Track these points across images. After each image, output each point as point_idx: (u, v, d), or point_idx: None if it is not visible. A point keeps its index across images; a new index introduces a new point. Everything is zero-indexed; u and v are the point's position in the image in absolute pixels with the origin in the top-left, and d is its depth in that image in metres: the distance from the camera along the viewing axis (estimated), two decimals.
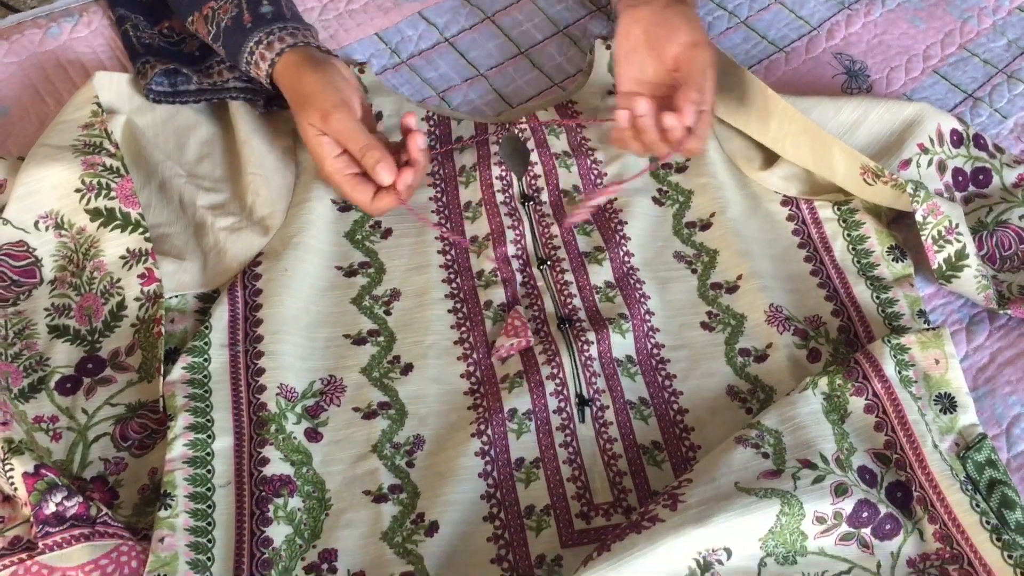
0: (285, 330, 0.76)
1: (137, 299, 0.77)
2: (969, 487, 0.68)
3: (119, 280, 0.77)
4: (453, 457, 0.71)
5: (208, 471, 0.69)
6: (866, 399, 0.72)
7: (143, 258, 0.77)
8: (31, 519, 0.63)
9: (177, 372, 0.73)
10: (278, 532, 0.66)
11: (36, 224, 0.79)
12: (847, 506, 0.65)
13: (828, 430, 0.70)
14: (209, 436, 0.70)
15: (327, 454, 0.71)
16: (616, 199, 0.86)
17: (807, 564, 0.65)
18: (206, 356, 0.74)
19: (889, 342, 0.73)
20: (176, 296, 0.79)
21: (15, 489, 0.65)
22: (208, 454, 0.69)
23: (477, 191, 0.87)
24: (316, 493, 0.69)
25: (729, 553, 0.64)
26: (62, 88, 0.92)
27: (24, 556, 0.63)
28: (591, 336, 0.77)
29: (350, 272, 0.81)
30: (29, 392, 0.73)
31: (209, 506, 0.67)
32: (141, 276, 0.77)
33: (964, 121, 0.89)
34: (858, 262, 0.83)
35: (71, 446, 0.71)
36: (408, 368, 0.76)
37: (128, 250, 0.78)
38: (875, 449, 0.70)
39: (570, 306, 0.80)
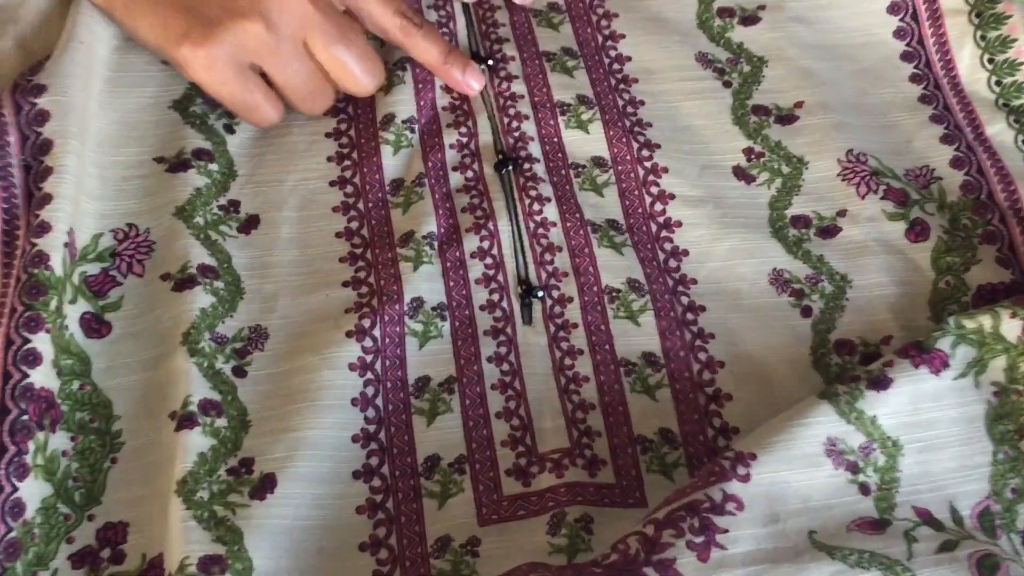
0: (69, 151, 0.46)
1: None
2: None
3: None
4: (313, 367, 0.43)
5: None
6: None
7: None
8: None
9: None
10: (33, 492, 0.39)
11: None
12: None
13: (986, 451, 0.40)
14: None
15: (112, 355, 0.43)
16: None
17: None
18: None
19: None
20: None
21: None
22: None
23: None
24: (96, 423, 0.42)
25: None
26: None
27: None
28: (546, 189, 0.48)
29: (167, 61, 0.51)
30: None
31: None
32: None
33: None
34: (997, 83, 0.52)
35: None
36: (253, 221, 0.48)
37: None
38: None
39: (517, 132, 0.50)
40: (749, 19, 0.54)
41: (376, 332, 0.44)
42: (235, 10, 0.45)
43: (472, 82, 0.51)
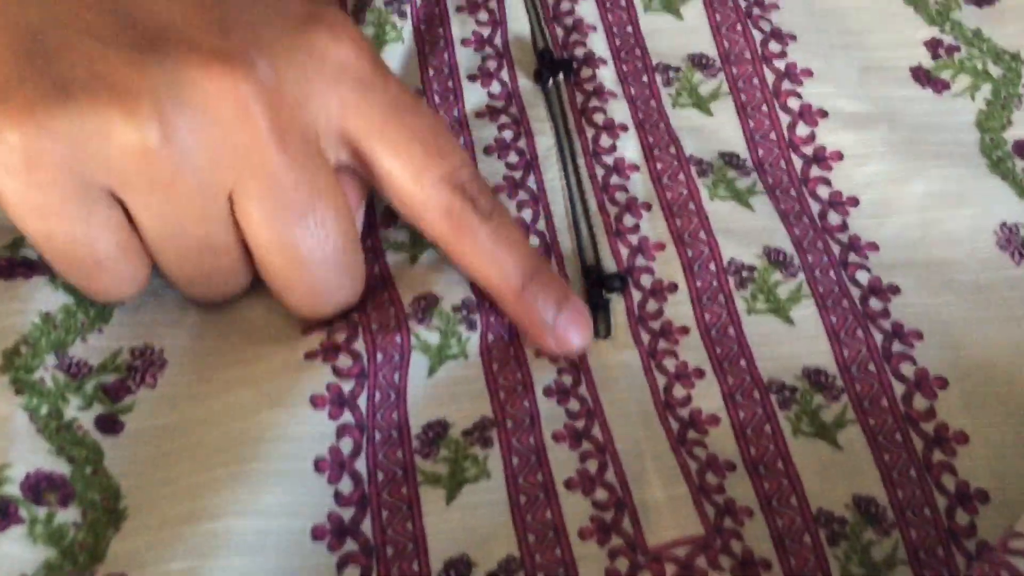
0: None
1: None
2: None
3: None
4: (246, 407, 0.24)
5: None
6: None
7: None
8: None
9: None
10: None
11: None
12: None
13: None
14: None
15: None
16: None
17: None
18: None
19: None
20: None
21: None
22: None
23: None
24: None
25: None
26: None
27: None
28: (619, 108, 0.30)
29: None
30: None
31: None
32: None
33: None
34: None
35: None
36: None
37: None
38: None
39: (568, 18, 0.32)
40: None
41: (358, 346, 0.25)
42: (114, 81, 0.22)
43: (573, 335, 0.26)
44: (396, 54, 0.31)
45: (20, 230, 0.23)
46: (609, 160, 0.29)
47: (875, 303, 0.28)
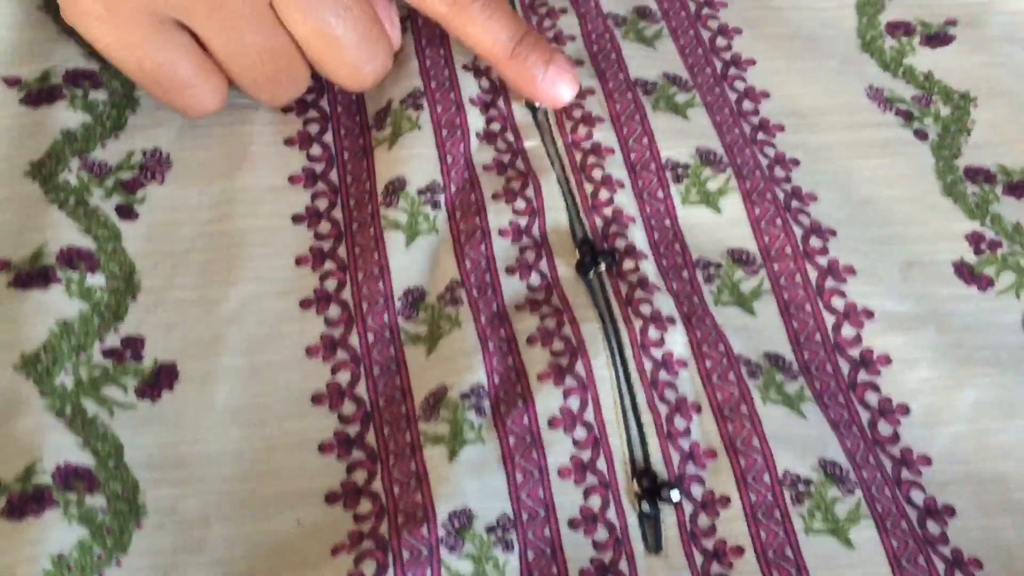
0: None
1: None
2: None
3: None
4: None
5: None
6: None
7: None
8: None
9: None
10: None
11: None
12: None
13: None
14: None
15: None
16: None
17: None
18: None
19: None
20: None
21: None
22: None
23: None
24: None
25: None
26: None
27: None
28: (664, 303, 0.29)
29: None
30: None
31: None
32: None
33: None
34: None
35: None
36: (165, 376, 0.27)
37: None
38: None
39: (608, 209, 0.31)
40: (937, 38, 0.36)
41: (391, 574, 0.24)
42: None
43: (561, 86, 0.32)
44: (429, 245, 0.30)
45: (120, 67, 0.30)
46: (658, 354, 0.28)
47: (933, 527, 0.27)
